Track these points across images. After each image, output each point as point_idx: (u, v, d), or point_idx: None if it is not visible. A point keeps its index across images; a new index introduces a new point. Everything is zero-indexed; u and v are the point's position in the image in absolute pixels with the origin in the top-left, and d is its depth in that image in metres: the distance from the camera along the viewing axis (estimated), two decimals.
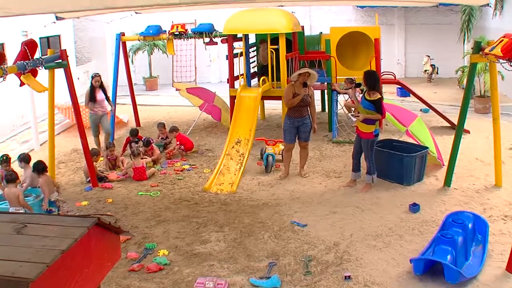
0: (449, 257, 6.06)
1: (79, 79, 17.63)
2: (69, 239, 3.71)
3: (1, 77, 7.14)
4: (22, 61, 7.92)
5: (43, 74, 8.83)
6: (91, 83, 11.44)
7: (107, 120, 11.83)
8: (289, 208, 8.30)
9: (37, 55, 8.57)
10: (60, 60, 8.96)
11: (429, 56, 19.91)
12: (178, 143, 11.39)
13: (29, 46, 8.16)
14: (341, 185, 9.24)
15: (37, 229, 3.95)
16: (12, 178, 7.88)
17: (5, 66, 7.32)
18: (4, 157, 9.09)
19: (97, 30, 19.74)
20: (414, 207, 8.01)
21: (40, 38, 14.63)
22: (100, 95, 11.43)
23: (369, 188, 8.93)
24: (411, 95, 14.66)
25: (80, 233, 3.82)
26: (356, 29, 13.44)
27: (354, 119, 11.20)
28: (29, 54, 8.08)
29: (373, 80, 8.70)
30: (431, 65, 19.98)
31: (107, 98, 11.69)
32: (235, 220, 7.88)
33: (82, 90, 15.51)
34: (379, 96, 8.62)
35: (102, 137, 11.87)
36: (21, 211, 7.61)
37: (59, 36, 17.17)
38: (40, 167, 8.34)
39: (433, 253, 6.28)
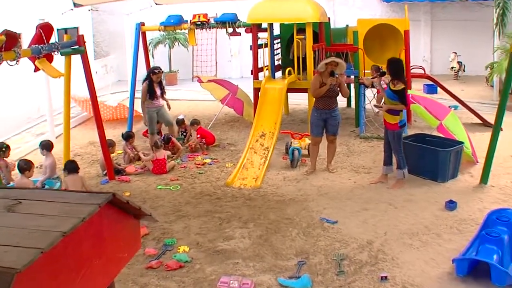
0: (495, 257, 5.59)
1: (97, 73, 17.31)
2: (74, 219, 2.88)
3: (14, 60, 6.73)
4: (37, 45, 7.52)
5: (59, 63, 8.43)
6: (151, 78, 10.68)
7: (166, 111, 11.02)
8: (317, 204, 7.85)
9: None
10: (77, 46, 8.55)
11: (456, 53, 19.36)
12: (198, 136, 10.98)
13: (44, 29, 7.76)
14: (371, 181, 8.76)
15: (33, 206, 3.13)
16: (27, 167, 7.50)
17: (19, 49, 6.89)
18: (4, 146, 8.66)
19: (116, 23, 19.45)
20: (451, 205, 7.54)
21: (58, 29, 14.29)
22: (158, 90, 10.78)
23: (401, 184, 8.44)
24: (438, 92, 14.16)
25: (89, 211, 2.97)
26: (385, 21, 12.98)
27: (377, 110, 10.78)
28: (44, 38, 7.69)
29: (396, 68, 8.30)
30: (458, 62, 19.44)
31: (164, 93, 11.00)
32: (260, 216, 7.44)
33: (100, 84, 15.19)
34: (403, 86, 8.21)
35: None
36: None
37: (77, 28, 16.85)
38: (67, 167, 8.10)
39: (477, 253, 5.80)
